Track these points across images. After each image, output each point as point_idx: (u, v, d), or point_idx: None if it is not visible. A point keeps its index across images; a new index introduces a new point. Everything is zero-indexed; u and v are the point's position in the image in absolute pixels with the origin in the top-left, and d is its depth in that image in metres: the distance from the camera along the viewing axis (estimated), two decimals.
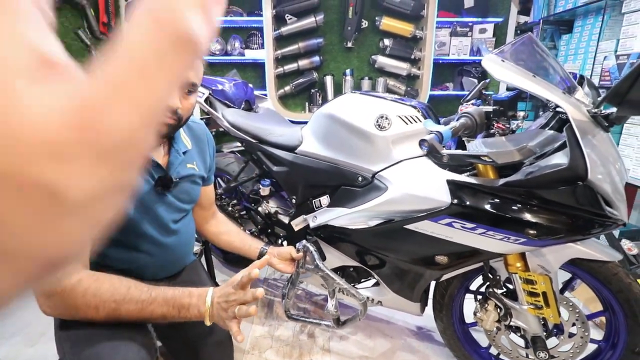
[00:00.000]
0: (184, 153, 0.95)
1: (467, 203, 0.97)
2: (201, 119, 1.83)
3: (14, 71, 0.10)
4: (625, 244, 1.65)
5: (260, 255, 1.14)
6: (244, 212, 1.74)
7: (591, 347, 1.17)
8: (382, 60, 2.76)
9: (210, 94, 1.65)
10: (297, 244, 1.15)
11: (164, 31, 0.13)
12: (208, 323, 0.75)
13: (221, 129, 1.66)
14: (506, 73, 0.88)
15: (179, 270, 1.03)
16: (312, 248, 1.12)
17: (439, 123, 1.19)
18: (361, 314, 1.17)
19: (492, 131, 0.92)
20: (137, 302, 0.69)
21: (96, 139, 0.11)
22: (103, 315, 0.67)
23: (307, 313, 1.72)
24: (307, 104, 2.91)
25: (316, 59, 2.76)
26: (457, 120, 0.90)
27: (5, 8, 0.11)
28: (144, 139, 0.13)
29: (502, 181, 0.94)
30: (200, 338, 0.97)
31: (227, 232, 1.18)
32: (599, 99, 0.81)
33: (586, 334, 1.11)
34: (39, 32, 0.12)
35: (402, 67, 2.75)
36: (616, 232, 1.88)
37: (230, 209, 1.76)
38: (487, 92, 1.14)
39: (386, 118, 1.14)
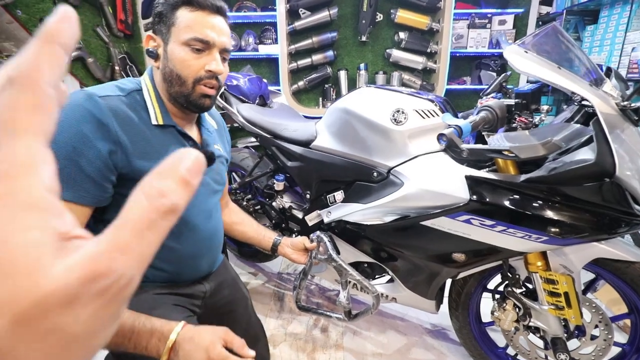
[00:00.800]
0: (210, 133, 0.94)
1: (487, 199, 0.94)
2: None
3: (42, 252, 0.15)
4: None
5: (274, 245, 1.12)
6: (259, 206, 1.75)
7: (614, 350, 1.13)
8: (397, 54, 2.71)
9: (225, 89, 1.66)
10: (311, 235, 1.14)
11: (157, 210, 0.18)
12: None
13: (236, 124, 1.67)
14: (529, 64, 0.85)
15: (217, 263, 0.99)
16: (325, 238, 1.12)
17: (457, 117, 1.16)
18: (373, 308, 1.16)
19: (514, 125, 0.89)
20: None
21: (104, 288, 0.16)
22: None
23: (319, 306, 1.72)
24: (320, 99, 2.89)
25: (330, 53, 2.73)
26: (476, 114, 0.87)
27: (27, 199, 0.16)
28: (139, 277, 0.18)
29: (523, 177, 0.91)
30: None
31: (240, 222, 1.16)
32: (629, 91, 0.77)
33: (609, 336, 1.07)
34: (54, 210, 0.17)
35: (417, 61, 2.69)
36: None
37: (245, 203, 1.77)
38: (507, 86, 1.10)
39: (402, 112, 1.12)
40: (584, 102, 0.94)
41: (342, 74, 2.77)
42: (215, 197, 0.93)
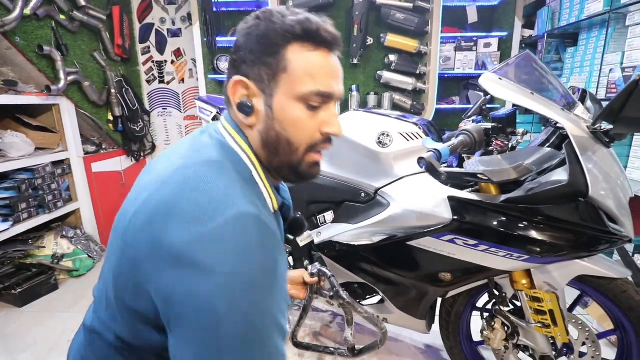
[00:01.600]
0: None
1: (469, 219, 0.97)
2: None
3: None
4: (639, 259, 1.60)
5: None
6: None
7: None
8: (387, 75, 2.79)
9: (217, 112, 1.70)
10: (311, 267, 1.04)
11: None
12: None
13: None
14: (504, 91, 0.89)
15: None
16: (329, 273, 1.00)
17: (441, 139, 1.20)
18: (381, 343, 1.07)
19: (490, 148, 0.93)
20: None
21: None
22: None
23: (316, 338, 1.67)
24: None
25: None
26: (456, 137, 0.91)
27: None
28: None
29: (503, 197, 0.94)
30: None
31: None
32: (596, 117, 0.82)
33: (597, 353, 1.08)
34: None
35: (407, 82, 2.78)
36: (630, 248, 1.83)
37: None
38: (492, 106, 1.15)
39: (388, 135, 1.16)
40: (558, 125, 0.98)
41: None
42: None
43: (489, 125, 0.94)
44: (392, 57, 2.74)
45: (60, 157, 2.25)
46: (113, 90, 2.64)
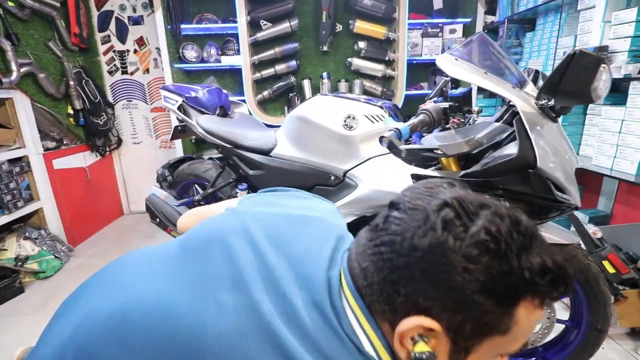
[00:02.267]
0: None
1: None
2: (176, 126, 1.84)
3: None
4: (590, 228, 1.73)
5: None
6: None
7: (559, 328, 1.23)
8: (357, 62, 2.81)
9: (183, 101, 1.67)
10: None
11: None
12: None
13: (199, 136, 1.67)
14: (459, 70, 0.93)
15: None
16: None
17: (405, 121, 1.23)
18: None
19: (448, 126, 0.97)
20: None
21: None
22: None
23: None
24: (286, 107, 2.94)
25: (293, 63, 2.79)
26: (415, 117, 0.94)
27: None
28: None
29: (461, 173, 0.99)
30: None
31: None
32: (538, 91, 0.87)
33: (552, 314, 1.17)
34: None
35: (377, 69, 2.81)
36: (585, 219, 1.97)
37: None
38: (447, 91, 1.20)
39: (353, 118, 1.18)
40: (511, 103, 1.03)
41: (306, 83, 2.83)
42: None
43: (446, 104, 0.98)
44: (362, 44, 2.76)
45: (18, 154, 2.13)
46: (72, 82, 2.51)
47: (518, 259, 0.35)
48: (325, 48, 2.80)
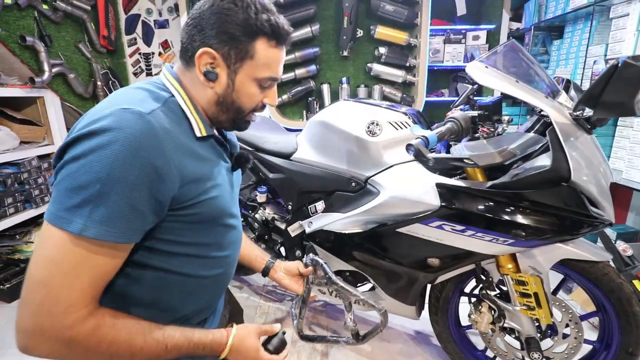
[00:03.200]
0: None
1: (456, 205, 0.99)
2: None
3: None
4: (620, 245, 1.65)
5: (266, 269, 1.04)
6: (242, 219, 1.77)
7: (586, 348, 1.18)
8: (377, 68, 2.80)
9: None
10: (305, 258, 1.04)
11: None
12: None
13: None
14: (489, 79, 0.91)
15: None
16: (321, 261, 1.00)
17: (429, 128, 1.21)
18: (382, 325, 1.04)
19: (477, 135, 0.94)
20: (152, 353, 0.62)
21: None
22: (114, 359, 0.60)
23: (312, 329, 1.66)
24: (304, 112, 2.95)
25: (313, 67, 2.80)
26: (443, 125, 0.92)
27: None
28: None
29: (489, 184, 0.96)
30: None
31: None
32: (577, 102, 0.84)
33: (580, 334, 1.12)
34: None
35: (397, 75, 2.79)
36: (613, 235, 1.89)
37: None
38: (478, 97, 1.17)
39: (377, 124, 1.17)
40: (542, 113, 1.00)
41: (325, 88, 2.84)
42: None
43: (475, 113, 0.96)
44: (382, 50, 2.74)
45: (46, 150, 2.21)
46: (99, 83, 2.60)
47: (255, 14, 0.63)
48: (345, 53, 2.80)
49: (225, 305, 0.99)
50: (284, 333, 0.80)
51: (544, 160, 0.90)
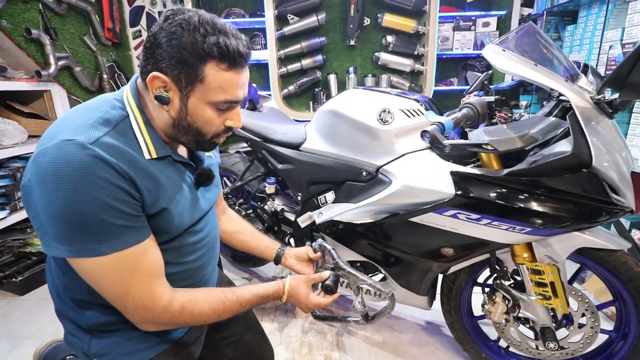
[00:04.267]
0: None
1: (472, 194, 0.97)
2: None
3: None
4: (636, 234, 1.62)
5: (277, 257, 1.10)
6: (251, 210, 1.76)
7: (601, 338, 1.16)
8: (385, 57, 2.75)
9: None
10: (314, 244, 1.10)
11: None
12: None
13: None
14: (507, 62, 0.88)
15: (216, 273, 0.99)
16: (329, 246, 1.06)
17: (441, 115, 1.19)
18: (389, 308, 1.11)
19: (494, 121, 0.92)
20: (232, 312, 0.79)
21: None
22: (208, 322, 0.77)
23: (330, 311, 1.68)
24: (311, 103, 2.92)
25: (319, 57, 2.77)
26: (459, 111, 0.90)
27: None
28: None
29: (506, 171, 0.94)
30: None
31: (241, 230, 1.10)
32: (602, 83, 0.81)
33: (596, 324, 1.10)
34: None
35: (405, 64, 2.74)
36: (627, 223, 1.86)
37: (237, 208, 1.78)
38: (489, 85, 1.14)
39: (389, 112, 1.15)
40: (561, 98, 0.97)
41: (332, 78, 2.80)
42: (209, 205, 0.89)
43: (492, 98, 0.93)
44: (390, 38, 2.69)
45: None
46: (105, 76, 2.59)
47: (203, 36, 0.62)
48: (352, 42, 2.75)
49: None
50: (337, 277, 0.97)
51: (563, 146, 0.88)
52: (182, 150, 0.81)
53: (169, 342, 0.81)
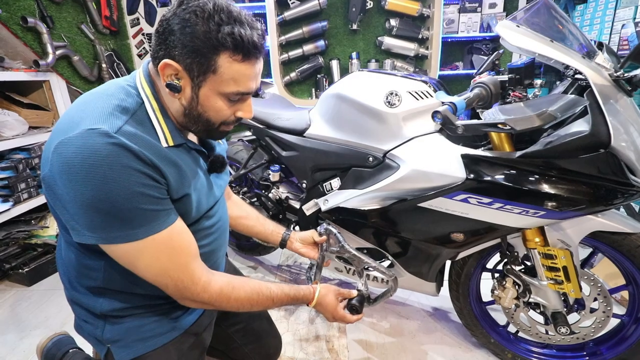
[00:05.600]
0: None
1: (483, 177, 0.94)
2: None
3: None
4: None
5: (283, 241, 1.12)
6: (255, 199, 1.74)
7: (613, 322, 1.15)
8: (388, 41, 2.69)
9: None
10: (319, 227, 1.11)
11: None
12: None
13: None
14: (522, 39, 0.84)
15: (224, 260, 1.00)
16: (334, 230, 1.09)
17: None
18: (392, 290, 1.13)
19: (508, 100, 0.88)
20: (263, 305, 0.83)
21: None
22: (241, 310, 0.80)
23: None
24: (313, 90, 2.87)
25: (321, 43, 2.70)
26: (470, 90, 0.86)
27: None
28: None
29: (519, 153, 0.91)
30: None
31: (246, 215, 1.12)
32: (623, 60, 0.77)
33: (609, 308, 1.09)
34: None
35: (409, 48, 2.67)
36: (637, 207, 1.82)
37: (241, 196, 1.76)
38: (500, 68, 1.10)
39: (396, 94, 1.11)
40: (577, 76, 0.93)
41: (334, 64, 2.75)
42: (221, 192, 0.90)
43: (505, 77, 0.89)
44: (393, 22, 2.62)
45: None
46: (104, 65, 2.54)
47: (218, 25, 0.59)
48: (354, 26, 2.69)
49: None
50: (363, 297, 0.99)
51: (581, 126, 0.84)
52: (193, 138, 0.80)
53: (181, 328, 0.81)
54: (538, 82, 0.90)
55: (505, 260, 1.15)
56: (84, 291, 0.75)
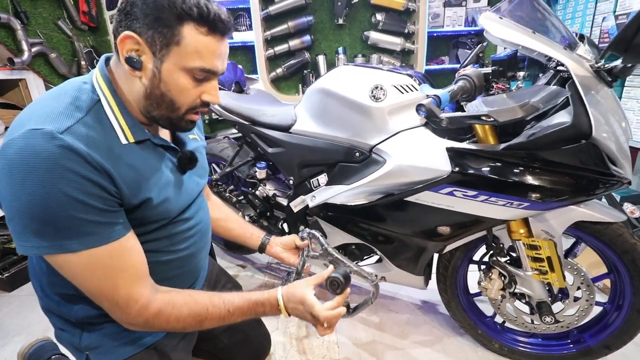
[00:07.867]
0: None
1: (468, 170, 0.94)
2: None
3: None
4: (628, 207, 1.63)
5: (262, 245, 1.08)
6: (242, 197, 1.72)
7: (596, 310, 1.17)
8: (375, 36, 2.68)
9: None
10: (301, 232, 1.08)
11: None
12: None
13: (215, 116, 1.62)
14: (505, 30, 0.84)
15: (207, 262, 0.97)
16: (317, 234, 1.04)
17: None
18: (373, 297, 1.03)
19: (491, 92, 0.88)
20: (217, 319, 0.73)
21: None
22: (188, 329, 0.72)
23: None
24: (300, 85, 2.84)
25: (307, 38, 2.68)
26: (454, 83, 0.86)
27: None
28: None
29: (503, 145, 0.91)
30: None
31: (225, 217, 1.08)
32: (603, 51, 0.78)
33: (591, 297, 1.11)
34: None
35: (395, 42, 2.67)
36: (617, 197, 1.87)
37: (227, 194, 1.74)
38: (484, 60, 1.10)
39: (381, 88, 1.10)
40: (559, 68, 0.94)
41: (321, 59, 2.72)
42: (198, 190, 0.86)
43: (488, 69, 0.89)
44: (379, 16, 2.61)
45: None
46: (83, 62, 2.46)
47: None
48: (340, 21, 2.67)
49: (218, 287, 1.05)
50: (346, 272, 0.86)
51: (562, 118, 0.85)
52: (165, 134, 0.77)
53: (162, 333, 0.78)
54: (521, 74, 0.91)
55: (491, 252, 1.16)
56: (57, 299, 0.73)
